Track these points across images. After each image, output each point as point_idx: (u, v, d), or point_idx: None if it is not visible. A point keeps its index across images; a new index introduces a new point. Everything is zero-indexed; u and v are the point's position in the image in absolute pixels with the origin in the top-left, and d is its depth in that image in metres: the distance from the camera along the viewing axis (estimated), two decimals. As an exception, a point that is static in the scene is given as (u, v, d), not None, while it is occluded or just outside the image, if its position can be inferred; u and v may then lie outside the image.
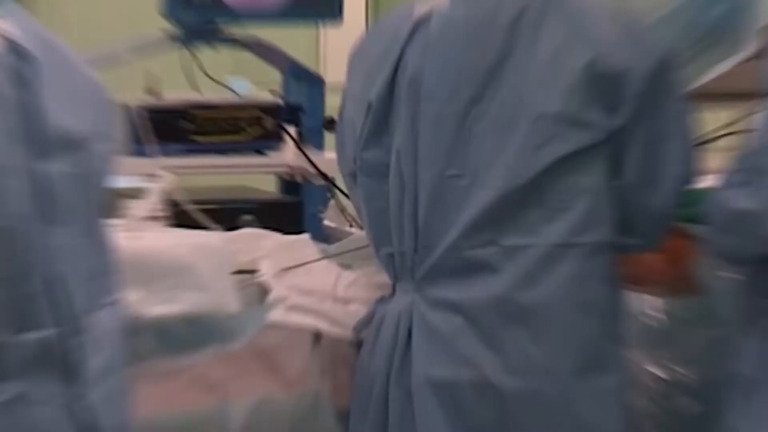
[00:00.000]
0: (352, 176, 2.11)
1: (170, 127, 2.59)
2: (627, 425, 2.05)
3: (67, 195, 1.71)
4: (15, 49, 1.62)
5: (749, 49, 2.24)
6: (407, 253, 1.97)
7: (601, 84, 1.94)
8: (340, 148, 2.20)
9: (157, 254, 2.12)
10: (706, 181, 2.16)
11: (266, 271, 2.26)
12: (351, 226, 2.77)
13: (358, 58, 2.12)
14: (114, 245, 1.92)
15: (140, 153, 2.49)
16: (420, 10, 1.95)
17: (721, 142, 2.54)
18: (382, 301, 2.06)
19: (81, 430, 1.70)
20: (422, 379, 1.94)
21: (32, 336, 1.64)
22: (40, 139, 1.64)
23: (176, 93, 2.76)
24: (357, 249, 2.40)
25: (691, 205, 2.13)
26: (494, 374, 1.92)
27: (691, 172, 2.05)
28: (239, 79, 3.07)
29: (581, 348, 1.98)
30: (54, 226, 1.67)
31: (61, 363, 1.71)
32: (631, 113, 1.95)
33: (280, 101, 2.77)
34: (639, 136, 1.99)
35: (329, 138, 2.71)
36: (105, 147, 1.78)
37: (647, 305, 2.40)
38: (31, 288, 1.64)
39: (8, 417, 1.66)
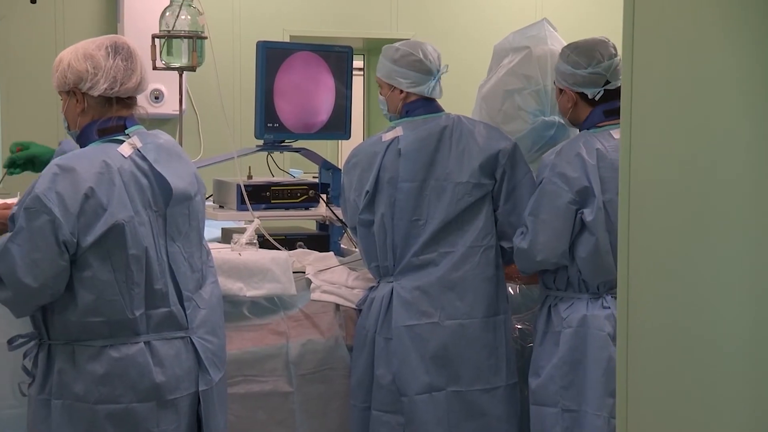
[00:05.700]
0: (353, 228, 2.89)
1: (259, 194, 3.22)
2: (508, 342, 2.82)
3: (182, 224, 2.25)
4: (139, 152, 2.23)
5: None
6: (388, 265, 2.76)
7: (486, 163, 2.74)
8: (344, 213, 2.95)
9: (251, 263, 2.76)
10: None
11: (310, 272, 2.96)
12: (355, 247, 3.20)
13: (350, 167, 2.86)
14: (214, 253, 2.39)
15: (243, 208, 3.11)
16: (387, 137, 2.79)
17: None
18: (371, 289, 2.83)
19: (193, 351, 2.27)
20: (400, 326, 2.71)
21: (163, 310, 2.24)
22: (167, 195, 2.21)
23: (262, 177, 3.40)
24: (356, 260, 3.09)
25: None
26: (439, 319, 2.71)
27: None
28: (296, 170, 3.80)
29: (484, 302, 2.76)
30: (173, 242, 2.24)
31: (178, 320, 2.26)
32: (501, 173, 2.78)
33: (317, 181, 3.40)
34: (506, 185, 2.79)
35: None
36: (200, 198, 2.38)
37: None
38: (160, 284, 2.20)
39: (151, 352, 2.20)
